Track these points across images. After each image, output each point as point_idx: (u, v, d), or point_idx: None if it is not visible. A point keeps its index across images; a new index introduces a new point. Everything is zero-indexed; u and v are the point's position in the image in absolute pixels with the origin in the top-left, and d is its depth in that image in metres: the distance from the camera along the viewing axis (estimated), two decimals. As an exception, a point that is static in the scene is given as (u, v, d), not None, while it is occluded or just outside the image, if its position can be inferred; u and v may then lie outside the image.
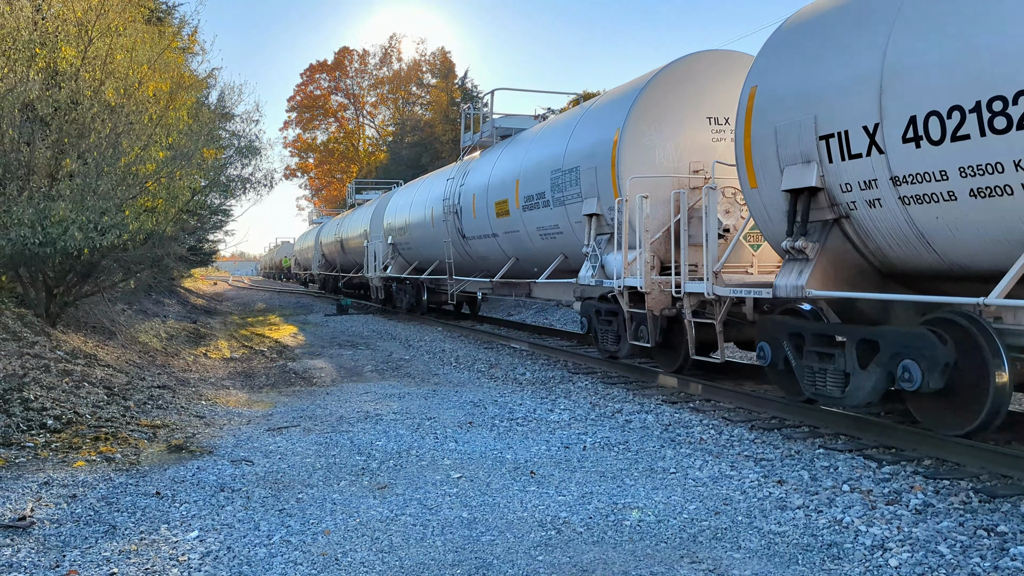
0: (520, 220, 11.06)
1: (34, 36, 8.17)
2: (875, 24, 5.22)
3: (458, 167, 14.76)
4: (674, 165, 8.25)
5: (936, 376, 4.90)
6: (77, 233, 7.88)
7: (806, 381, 5.94)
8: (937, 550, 3.51)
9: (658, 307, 7.89)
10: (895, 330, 5.27)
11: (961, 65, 4.48)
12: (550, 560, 3.48)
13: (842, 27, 5.55)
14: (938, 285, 5.38)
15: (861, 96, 5.16)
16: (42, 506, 4.11)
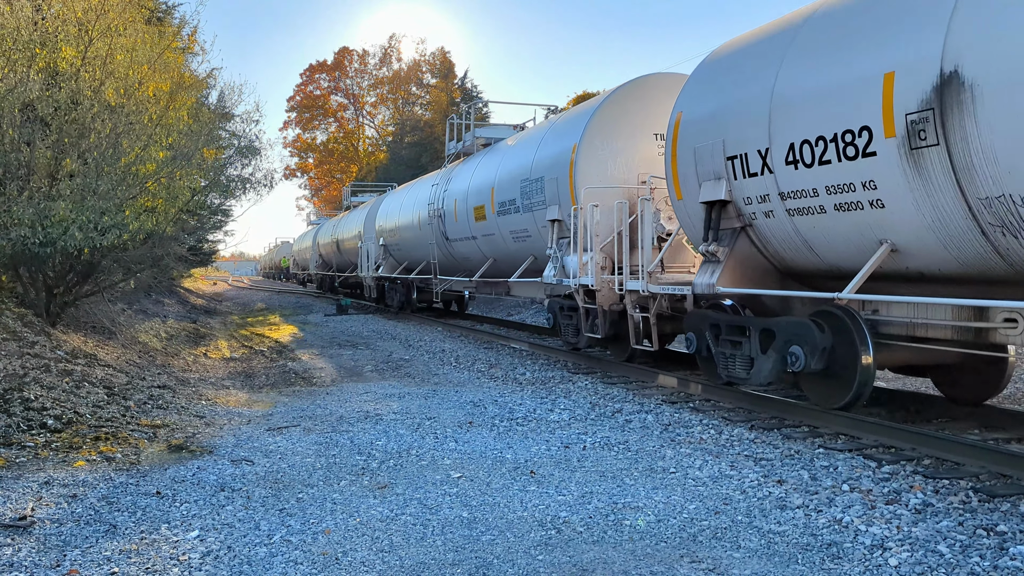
0: (496, 224, 12.06)
1: (34, 36, 8.17)
2: (767, 64, 6.29)
3: (443, 173, 15.75)
4: (624, 176, 9.29)
5: (816, 359, 5.88)
6: (77, 233, 7.88)
7: (721, 365, 6.92)
8: (937, 549, 3.52)
9: (607, 303, 8.91)
10: (786, 320, 6.27)
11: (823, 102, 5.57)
12: (550, 560, 3.49)
13: (745, 64, 6.66)
14: (827, 283, 6.19)
15: (756, 125, 6.18)
16: (43, 506, 4.12)
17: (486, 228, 12.51)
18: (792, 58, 6.01)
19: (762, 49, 6.51)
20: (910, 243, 5.25)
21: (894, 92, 4.98)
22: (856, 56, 5.36)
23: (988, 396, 6.31)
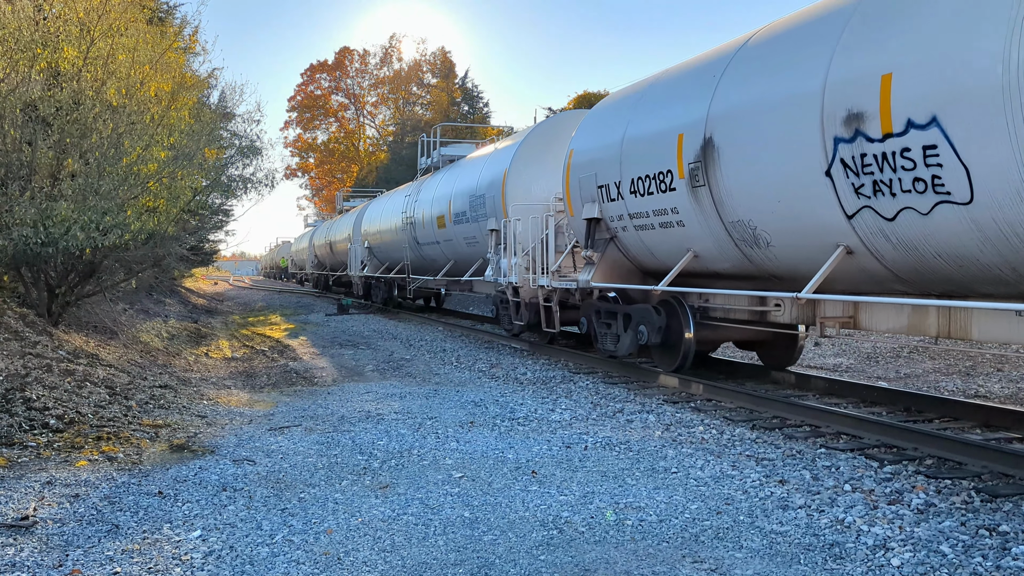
0: (453, 231, 14.46)
1: (36, 36, 8.18)
2: (621, 119, 8.48)
3: (415, 185, 18.33)
4: (544, 195, 11.29)
5: (656, 335, 8.11)
6: (79, 233, 7.89)
7: (600, 342, 9.34)
8: (939, 550, 3.51)
9: (528, 296, 11.02)
10: (637, 306, 8.54)
11: (649, 150, 7.75)
12: (552, 559, 3.48)
13: (609, 118, 8.86)
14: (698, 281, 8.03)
15: (613, 164, 8.37)
16: (45, 505, 4.12)
17: (446, 235, 14.84)
18: (634, 116, 8.28)
19: (620, 107, 8.82)
20: (703, 251, 7.37)
21: (683, 147, 7.16)
22: (666, 119, 7.60)
23: (789, 364, 8.59)
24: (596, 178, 8.66)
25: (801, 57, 5.91)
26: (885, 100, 5.01)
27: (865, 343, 11.49)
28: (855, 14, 5.52)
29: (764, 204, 6.28)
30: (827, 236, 5.79)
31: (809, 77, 5.68)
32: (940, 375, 8.89)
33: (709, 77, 7.04)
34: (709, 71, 7.15)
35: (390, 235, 18.90)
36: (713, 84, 6.89)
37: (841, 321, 6.29)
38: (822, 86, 5.53)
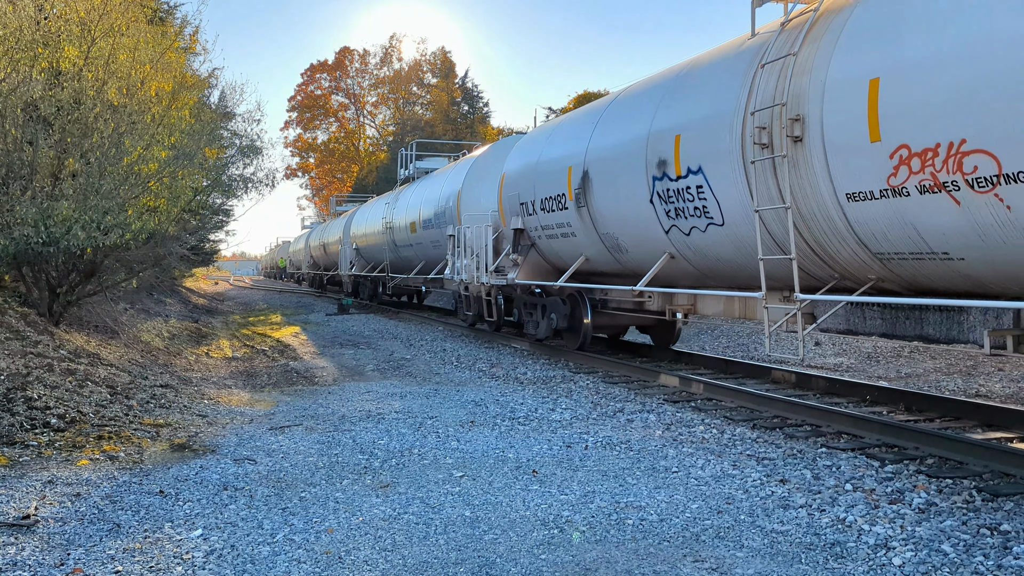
0: (422, 236, 16.88)
1: (37, 36, 8.18)
2: (536, 149, 10.74)
3: (393, 194, 20.85)
4: (492, 207, 12.63)
5: (563, 321, 10.33)
6: (80, 232, 7.89)
7: (526, 327, 11.51)
8: (940, 549, 3.51)
9: (475, 292, 12.88)
10: (550, 299, 10.72)
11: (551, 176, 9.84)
12: (553, 559, 3.49)
13: (529, 147, 11.13)
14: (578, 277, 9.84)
15: (529, 185, 10.50)
16: (46, 504, 4.12)
17: (417, 239, 17.24)
18: (544, 148, 10.42)
19: (536, 140, 11.06)
20: (591, 256, 9.36)
21: (571, 176, 9.19)
22: (562, 153, 9.66)
23: (671, 343, 10.54)
24: (519, 196, 10.86)
25: (638, 115, 7.98)
26: (677, 152, 7.10)
27: (866, 343, 11.49)
28: (669, 87, 7.64)
29: (621, 221, 8.39)
30: (657, 245, 7.84)
31: (641, 130, 7.76)
32: (941, 374, 8.89)
33: (590, 123, 9.22)
34: (591, 118, 9.35)
35: (374, 238, 21.17)
36: (591, 129, 9.04)
37: (686, 309, 8.41)
38: (647, 138, 7.60)
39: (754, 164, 6.00)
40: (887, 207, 5.05)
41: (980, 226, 4.56)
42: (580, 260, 9.48)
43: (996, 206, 4.38)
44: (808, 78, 5.55)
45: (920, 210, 4.83)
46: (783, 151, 5.74)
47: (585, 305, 9.86)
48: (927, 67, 4.66)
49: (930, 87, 4.63)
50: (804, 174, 5.64)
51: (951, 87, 4.50)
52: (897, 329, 5.80)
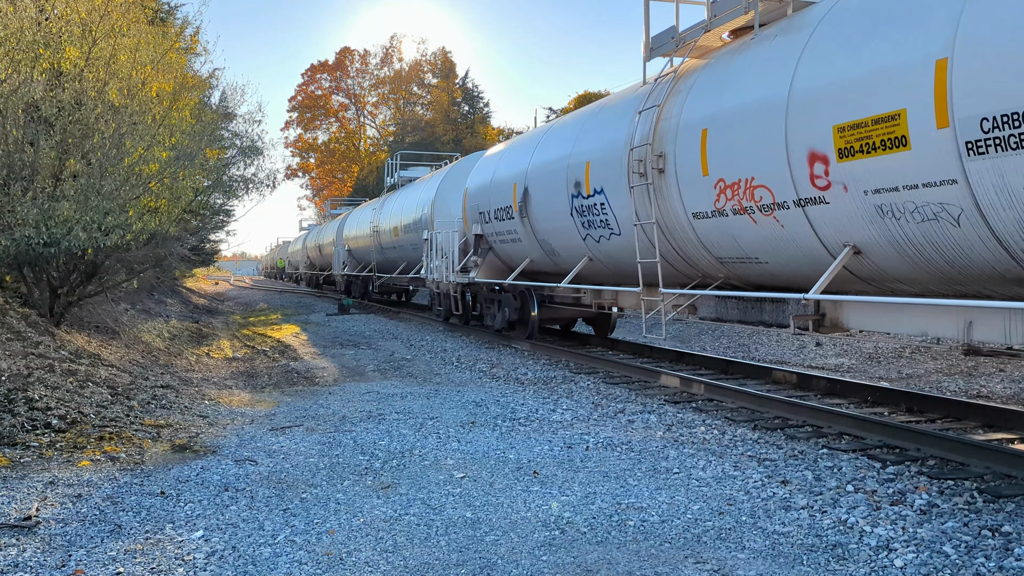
0: (404, 239, 18.69)
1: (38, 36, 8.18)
2: (492, 165, 12.23)
3: (380, 200, 22.97)
4: (459, 215, 13.75)
5: (514, 314, 11.82)
6: (81, 233, 7.89)
7: (486, 320, 13.04)
8: (942, 550, 3.51)
9: (445, 289, 14.32)
10: (505, 295, 12.13)
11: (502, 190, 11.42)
12: (554, 560, 3.48)
13: (486, 164, 12.75)
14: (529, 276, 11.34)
15: (487, 198, 12.01)
16: (48, 505, 4.12)
17: (400, 242, 19.06)
18: (497, 166, 12.04)
19: (493, 159, 12.68)
20: (534, 258, 10.99)
21: (516, 191, 10.79)
22: (511, 170, 11.24)
23: (609, 333, 11.99)
24: (479, 207, 12.42)
25: (563, 143, 9.69)
26: (587, 176, 8.72)
27: (867, 343, 11.49)
28: (585, 122, 9.43)
29: (552, 230, 10.05)
30: (579, 250, 9.51)
31: (564, 155, 9.47)
32: (942, 375, 8.88)
33: (531, 147, 10.92)
34: (532, 142, 11.11)
35: (363, 240, 23.02)
36: (531, 152, 10.77)
37: (611, 303, 9.56)
38: (568, 163, 9.27)
39: (633, 188, 7.67)
40: (716, 224, 6.72)
41: (769, 239, 6.20)
42: (526, 262, 11.19)
43: (775, 225, 6.06)
44: (668, 124, 7.24)
45: (735, 227, 6.50)
46: (652, 180, 7.37)
47: (533, 300, 11.50)
48: (732, 122, 6.32)
49: (734, 137, 6.30)
50: (666, 197, 7.29)
51: (744, 138, 6.16)
52: (748, 316, 7.04)
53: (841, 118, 5.21)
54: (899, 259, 5.24)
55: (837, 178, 5.33)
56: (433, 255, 14.35)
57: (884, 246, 5.24)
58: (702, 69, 7.13)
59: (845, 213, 5.37)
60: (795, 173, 5.67)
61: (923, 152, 4.64)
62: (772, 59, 6.12)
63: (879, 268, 5.49)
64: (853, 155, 5.15)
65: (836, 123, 5.25)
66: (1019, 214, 4.27)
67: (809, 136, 5.51)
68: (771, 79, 5.96)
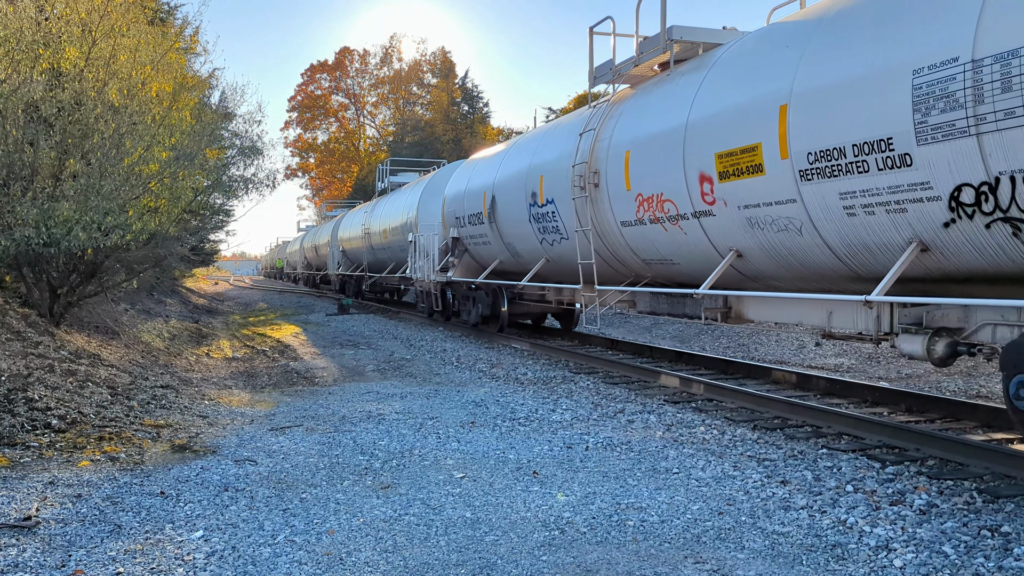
0: (392, 241, 19.83)
1: (38, 37, 8.18)
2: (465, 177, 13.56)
3: (371, 204, 24.35)
4: (440, 219, 14.95)
5: (486, 309, 12.87)
6: (81, 233, 7.89)
7: (463, 315, 14.24)
8: (941, 550, 3.51)
9: (427, 288, 15.45)
10: (478, 292, 13.16)
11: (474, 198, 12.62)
12: (554, 560, 3.49)
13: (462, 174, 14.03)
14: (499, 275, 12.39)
15: (462, 205, 13.16)
16: (47, 506, 4.13)
17: (388, 243, 20.20)
18: (471, 177, 13.19)
19: (466, 170, 13.92)
20: (502, 259, 12.19)
21: (485, 200, 11.95)
22: (479, 182, 12.49)
23: (573, 327, 13.37)
24: (455, 212, 13.61)
25: (522, 157, 11.04)
26: (541, 187, 10.00)
27: (867, 344, 11.49)
28: (541, 138, 10.83)
29: (515, 234, 11.24)
30: (538, 253, 10.73)
31: (523, 168, 10.74)
32: (942, 376, 8.89)
33: (499, 160, 12.20)
34: (499, 156, 12.37)
35: (356, 241, 24.25)
36: (499, 164, 12.01)
37: (569, 299, 10.98)
38: (526, 175, 10.54)
39: (575, 199, 8.91)
40: (639, 231, 7.97)
41: (677, 244, 7.44)
42: (496, 262, 12.41)
43: (680, 232, 7.27)
44: (602, 145, 8.49)
45: (652, 234, 7.75)
46: (589, 193, 8.63)
47: (503, 297, 12.60)
48: (648, 146, 7.58)
49: (648, 159, 7.55)
50: (601, 208, 8.55)
51: (655, 160, 7.40)
52: (675, 310, 8.22)
53: (720, 147, 6.41)
54: (769, 261, 6.39)
55: (719, 195, 6.53)
56: (417, 256, 15.58)
57: (757, 251, 6.43)
58: (630, 98, 8.52)
59: (727, 224, 6.55)
60: (691, 190, 6.89)
61: (774, 177, 5.83)
62: (678, 93, 7.35)
63: (757, 269, 6.64)
64: (729, 177, 6.37)
65: (717, 151, 6.45)
66: (837, 227, 5.52)
67: (699, 160, 6.71)
68: (675, 111, 7.20)
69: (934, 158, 4.63)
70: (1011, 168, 4.26)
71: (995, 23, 4.26)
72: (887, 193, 5.00)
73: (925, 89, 4.62)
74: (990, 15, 4.30)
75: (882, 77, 4.92)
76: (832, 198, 5.37)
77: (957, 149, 4.49)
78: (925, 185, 4.74)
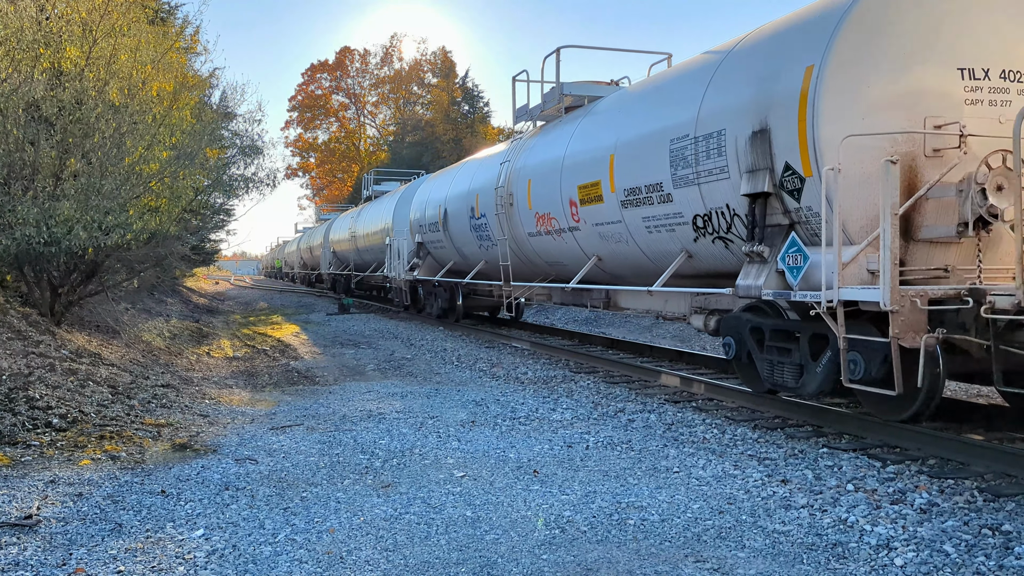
0: (374, 244, 21.58)
1: (38, 36, 8.18)
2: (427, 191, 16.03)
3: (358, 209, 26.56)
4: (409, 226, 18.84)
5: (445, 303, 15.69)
6: (82, 232, 7.89)
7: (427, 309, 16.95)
8: (942, 549, 3.51)
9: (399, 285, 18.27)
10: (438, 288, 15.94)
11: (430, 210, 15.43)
12: (554, 559, 3.49)
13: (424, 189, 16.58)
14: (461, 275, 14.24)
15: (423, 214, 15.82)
16: (48, 504, 4.13)
17: (371, 245, 22.08)
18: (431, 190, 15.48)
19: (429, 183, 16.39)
20: (455, 261, 14.17)
21: (440, 211, 14.10)
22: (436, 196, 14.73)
23: (519, 318, 15.68)
24: (419, 221, 15.84)
25: (466, 178, 13.40)
26: (477, 203, 12.24)
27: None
28: (480, 164, 13.14)
29: (461, 241, 13.50)
30: (479, 256, 12.91)
31: (465, 188, 13.10)
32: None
33: (450, 178, 14.54)
34: (451, 175, 14.75)
35: (345, 243, 26.52)
36: (451, 182, 14.22)
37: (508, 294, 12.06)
38: (467, 192, 12.83)
39: (498, 215, 11.24)
40: (539, 240, 10.27)
41: (564, 251, 9.70)
42: (451, 263, 14.57)
43: (563, 242, 9.57)
44: (515, 173, 10.91)
45: (547, 243, 10.09)
46: (505, 210, 11.01)
47: (458, 292, 14.69)
48: (542, 174, 9.91)
49: (542, 185, 9.84)
50: (515, 222, 10.91)
51: (546, 186, 9.71)
52: (578, 301, 11.14)
53: (581, 180, 8.71)
54: (617, 263, 8.63)
55: (581, 216, 8.83)
56: (392, 257, 17.78)
57: (609, 257, 8.69)
58: (536, 136, 10.99)
59: (588, 237, 8.88)
60: (565, 211, 9.22)
61: (608, 205, 8.16)
62: (562, 136, 9.76)
63: (612, 269, 8.84)
64: (586, 203, 8.65)
65: (579, 183, 8.76)
66: (645, 240, 7.76)
67: (569, 189, 9.01)
68: (558, 149, 9.57)
69: (682, 198, 6.95)
70: (715, 206, 6.58)
71: (706, 114, 6.59)
72: (664, 219, 7.32)
73: (676, 152, 6.93)
74: (704, 108, 6.64)
75: (656, 142, 7.25)
76: (639, 220, 7.72)
77: (691, 193, 6.81)
78: (680, 215, 7.05)
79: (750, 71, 6.22)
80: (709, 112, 6.52)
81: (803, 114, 5.37)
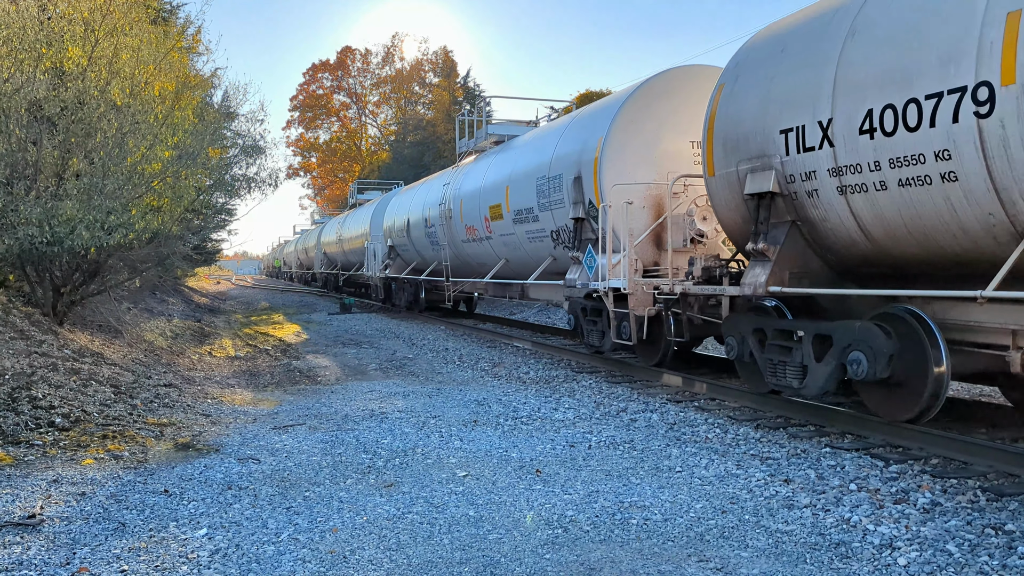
0: (357, 246, 24.30)
1: (40, 36, 8.18)
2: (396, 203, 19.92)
3: (344, 216, 30.01)
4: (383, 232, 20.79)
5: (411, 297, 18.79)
6: (84, 232, 7.90)
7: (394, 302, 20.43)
8: (945, 549, 3.51)
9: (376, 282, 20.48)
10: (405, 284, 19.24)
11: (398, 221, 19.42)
12: (557, 558, 3.49)
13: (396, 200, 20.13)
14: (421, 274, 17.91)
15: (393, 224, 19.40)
16: (52, 504, 4.13)
17: (354, 247, 24.90)
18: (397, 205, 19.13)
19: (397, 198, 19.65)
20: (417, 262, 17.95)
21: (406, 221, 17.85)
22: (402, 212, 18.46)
23: (473, 311, 19.02)
24: (391, 228, 18.76)
25: (421, 194, 16.81)
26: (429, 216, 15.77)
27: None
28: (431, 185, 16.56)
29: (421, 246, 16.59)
30: (433, 257, 15.65)
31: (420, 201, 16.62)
32: (944, 374, 8.86)
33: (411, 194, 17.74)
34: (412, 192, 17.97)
35: (334, 246, 29.76)
36: (411, 197, 17.26)
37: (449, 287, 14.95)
38: (422, 206, 16.23)
39: (443, 225, 14.38)
40: (470, 245, 13.42)
41: (485, 254, 12.85)
42: (414, 263, 17.68)
43: (484, 247, 12.84)
44: (453, 193, 14.00)
45: (475, 247, 13.28)
46: (445, 222, 14.31)
47: (421, 288, 17.58)
48: (468, 196, 13.30)
49: (468, 204, 13.22)
50: (453, 232, 14.08)
51: (470, 205, 13.13)
52: (506, 294, 13.23)
53: (492, 202, 12.00)
54: (517, 263, 11.73)
55: (492, 229, 12.15)
56: (370, 258, 20.71)
57: (511, 258, 11.94)
58: (470, 164, 14.16)
59: (497, 244, 12.19)
60: (483, 224, 12.45)
61: (507, 221, 11.43)
62: (483, 166, 13.05)
63: (515, 267, 11.94)
64: (494, 219, 11.92)
65: (490, 204, 12.06)
66: (529, 246, 11.12)
67: (484, 208, 12.31)
68: (479, 177, 12.91)
69: (544, 218, 10.25)
70: (560, 225, 9.91)
71: (555, 161, 9.87)
72: (537, 232, 10.67)
73: (540, 186, 10.27)
74: (555, 157, 9.89)
75: (530, 178, 10.60)
76: (524, 233, 11.06)
77: (548, 215, 10.12)
78: (544, 230, 10.43)
79: (577, 135, 9.54)
80: (556, 160, 9.84)
81: (596, 168, 8.70)
